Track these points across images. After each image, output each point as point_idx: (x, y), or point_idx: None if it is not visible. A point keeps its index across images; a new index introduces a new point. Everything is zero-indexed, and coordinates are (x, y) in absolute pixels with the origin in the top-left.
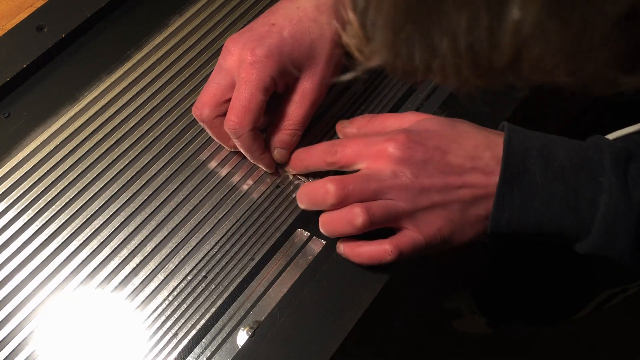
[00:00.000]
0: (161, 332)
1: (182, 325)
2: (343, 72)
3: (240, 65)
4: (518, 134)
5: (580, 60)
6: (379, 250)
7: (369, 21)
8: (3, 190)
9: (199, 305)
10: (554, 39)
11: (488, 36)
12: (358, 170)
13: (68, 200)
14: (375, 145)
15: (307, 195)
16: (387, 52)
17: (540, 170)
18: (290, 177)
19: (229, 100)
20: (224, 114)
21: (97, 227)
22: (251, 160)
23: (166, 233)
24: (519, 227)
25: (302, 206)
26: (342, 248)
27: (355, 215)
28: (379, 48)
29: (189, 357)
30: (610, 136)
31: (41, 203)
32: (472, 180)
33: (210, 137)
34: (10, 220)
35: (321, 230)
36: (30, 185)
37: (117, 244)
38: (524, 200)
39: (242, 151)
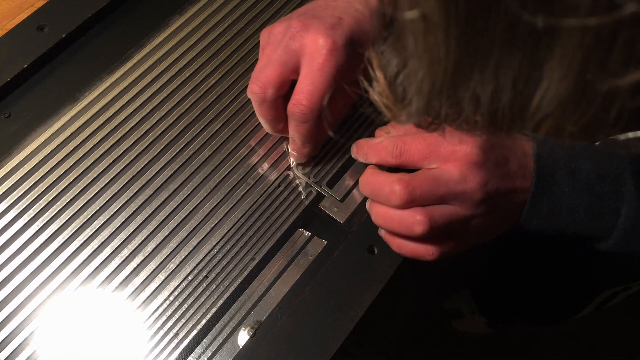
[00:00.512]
0: (162, 332)
1: (183, 325)
2: None
3: (316, 50)
4: (545, 146)
5: (595, 129)
6: (421, 250)
7: (399, 86)
8: (4, 190)
9: (200, 305)
10: (575, 115)
11: (509, 108)
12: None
13: (69, 200)
14: (444, 146)
15: (370, 187)
16: (417, 116)
17: (568, 182)
18: (291, 176)
19: (291, 81)
20: (285, 95)
21: (97, 227)
22: (291, 146)
23: (167, 233)
24: (544, 233)
25: (362, 192)
26: (384, 236)
27: (417, 223)
28: (409, 113)
29: (189, 357)
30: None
31: (42, 203)
32: (523, 185)
33: (210, 137)
34: (11, 220)
35: (373, 220)
36: (31, 186)
37: (118, 244)
38: (552, 209)
39: (291, 135)
